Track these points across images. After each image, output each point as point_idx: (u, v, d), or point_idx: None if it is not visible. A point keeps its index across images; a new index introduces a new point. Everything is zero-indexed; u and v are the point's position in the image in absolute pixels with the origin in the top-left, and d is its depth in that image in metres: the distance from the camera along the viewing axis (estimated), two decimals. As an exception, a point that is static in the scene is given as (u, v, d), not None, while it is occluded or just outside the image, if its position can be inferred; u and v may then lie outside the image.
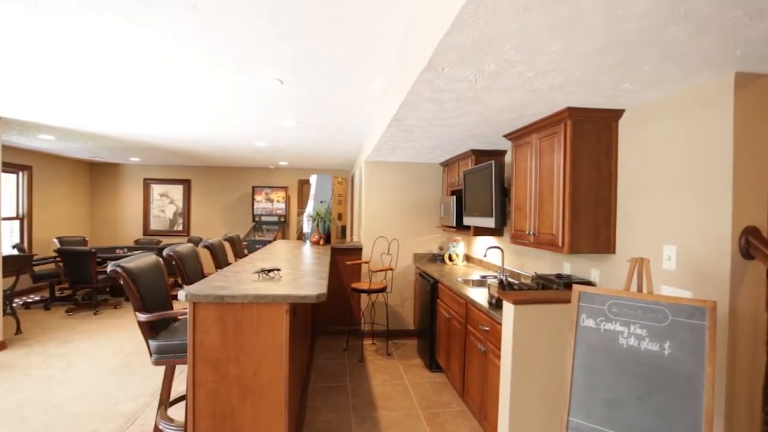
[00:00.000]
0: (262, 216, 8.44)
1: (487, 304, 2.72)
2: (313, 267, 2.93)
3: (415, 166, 5.06)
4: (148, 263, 2.53)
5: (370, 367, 4.08)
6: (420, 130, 3.11)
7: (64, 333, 4.92)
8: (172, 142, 5.82)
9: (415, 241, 5.05)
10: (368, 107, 3.62)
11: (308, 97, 3.34)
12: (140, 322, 2.28)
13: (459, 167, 4.36)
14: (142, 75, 2.97)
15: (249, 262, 3.19)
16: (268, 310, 1.98)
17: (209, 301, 1.93)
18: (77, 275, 5.80)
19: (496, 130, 3.04)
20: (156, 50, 2.47)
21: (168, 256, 3.04)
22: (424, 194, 5.10)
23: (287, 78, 2.88)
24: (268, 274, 2.44)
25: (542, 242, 2.65)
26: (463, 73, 1.83)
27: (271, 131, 4.78)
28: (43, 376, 3.66)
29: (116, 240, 8.68)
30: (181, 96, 3.46)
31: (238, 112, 3.91)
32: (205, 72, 2.81)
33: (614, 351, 1.63)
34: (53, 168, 7.57)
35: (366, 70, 2.72)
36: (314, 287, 2.15)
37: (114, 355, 4.23)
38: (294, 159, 7.43)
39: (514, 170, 3.07)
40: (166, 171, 8.78)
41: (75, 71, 2.97)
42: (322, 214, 4.72)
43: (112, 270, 2.22)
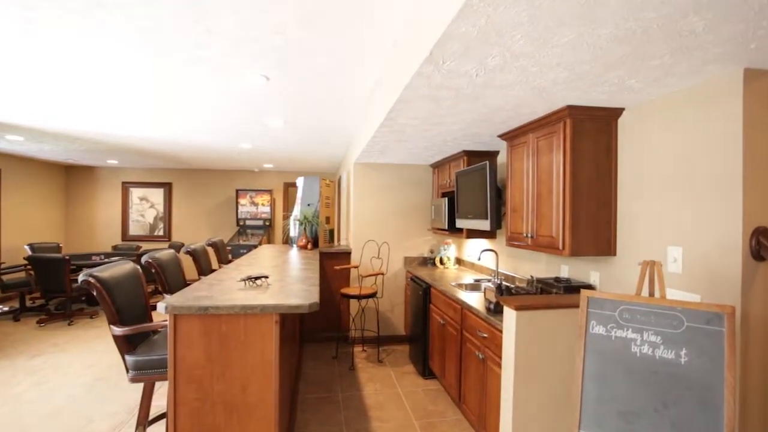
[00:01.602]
0: (246, 220, 8.21)
1: (484, 310, 2.62)
2: (303, 273, 2.78)
3: (404, 167, 4.96)
4: (124, 272, 2.35)
5: (361, 375, 3.94)
6: (413, 130, 3.00)
7: (35, 345, 4.64)
8: (151, 144, 5.59)
9: (406, 245, 4.94)
10: (359, 106, 3.50)
11: (296, 95, 3.21)
12: (116, 336, 2.10)
13: (450, 168, 4.28)
14: (116, 71, 2.79)
15: (234, 268, 3.02)
16: (256, 321, 1.84)
17: (192, 313, 1.78)
18: (49, 284, 5.50)
19: (491, 129, 2.96)
20: (131, 44, 2.30)
21: (147, 263, 2.86)
22: (414, 196, 5.00)
23: (274, 74, 2.74)
24: (255, 282, 2.29)
25: (541, 245, 2.57)
26: (464, 67, 1.73)
27: (257, 132, 4.61)
28: (10, 395, 3.41)
29: (93, 246, 8.33)
30: (160, 94, 3.28)
31: (222, 111, 3.74)
32: (185, 67, 2.65)
33: (627, 359, 1.54)
34: (25, 171, 7.21)
35: (359, 65, 2.61)
36: (305, 296, 2.01)
37: (89, 368, 3.99)
38: (279, 162, 7.25)
39: (509, 171, 2.99)
40: (146, 174, 8.48)
41: (43, 67, 2.78)
42: (309, 217, 4.57)
43: (83, 280, 2.04)
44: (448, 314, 3.28)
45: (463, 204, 3.70)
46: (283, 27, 2.06)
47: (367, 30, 2.11)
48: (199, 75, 2.79)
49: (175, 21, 2.02)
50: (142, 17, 1.99)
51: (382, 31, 2.13)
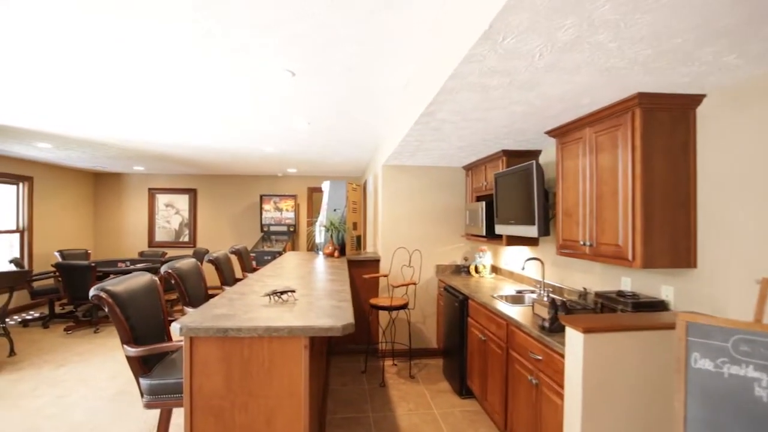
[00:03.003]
0: (270, 226, 8.08)
1: (537, 328, 2.30)
2: (332, 285, 2.54)
3: (435, 170, 4.67)
4: (139, 285, 2.16)
5: (393, 393, 3.66)
6: (451, 127, 2.73)
7: (61, 354, 4.57)
8: (176, 150, 5.50)
9: (437, 252, 4.65)
10: (390, 102, 3.24)
11: (322, 93, 2.98)
12: (129, 357, 1.90)
13: (486, 170, 3.97)
14: (138, 75, 2.66)
15: (257, 279, 2.81)
16: (283, 345, 1.60)
17: (210, 335, 1.55)
18: (77, 291, 5.47)
19: (539, 125, 2.65)
20: (152, 44, 2.12)
21: (166, 274, 2.67)
22: (446, 200, 4.71)
23: (300, 68, 2.52)
24: (281, 297, 2.05)
25: (603, 254, 2.24)
26: (527, 45, 1.44)
27: (281, 134, 4.43)
28: (31, 409, 3.30)
29: (121, 253, 8.37)
30: (183, 98, 3.13)
31: (246, 112, 3.57)
32: (209, 69, 2.46)
33: (749, 405, 1.21)
34: (55, 178, 7.30)
35: (392, 55, 2.35)
36: (338, 314, 1.76)
37: (112, 380, 3.86)
38: (303, 166, 7.09)
39: (559, 171, 2.67)
40: (172, 180, 8.49)
41: (69, 73, 2.72)
42: (336, 223, 4.34)
43: (94, 295, 1.85)
44: (491, 330, 2.97)
45: (504, 208, 3.39)
46: (309, 9, 1.83)
47: (405, 10, 1.85)
48: (225, 73, 2.60)
49: (200, 24, 1.82)
50: (170, 19, 1.80)
51: (420, 13, 1.87)
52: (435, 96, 2.03)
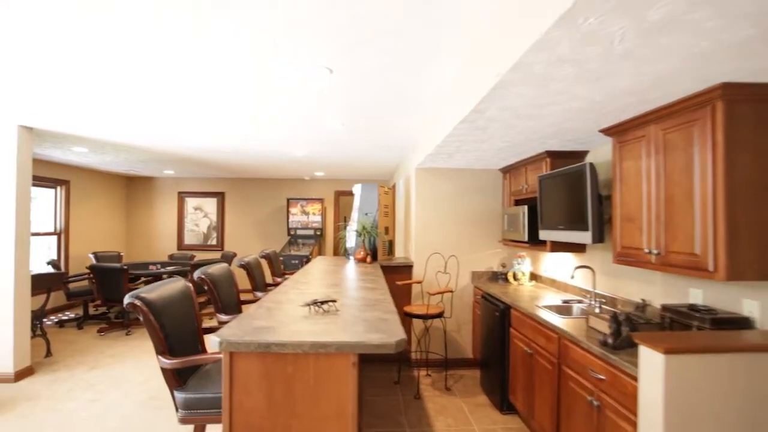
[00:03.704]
0: (297, 229, 8.04)
1: (598, 344, 2.09)
2: (373, 295, 2.39)
3: (470, 173, 4.49)
4: (173, 292, 2.07)
5: (429, 406, 3.48)
6: (499, 126, 2.55)
7: (94, 356, 4.59)
8: (206, 153, 5.50)
9: (472, 258, 4.45)
10: (430, 101, 3.09)
11: (359, 91, 2.86)
12: (164, 369, 1.80)
13: (527, 172, 3.76)
14: (170, 78, 2.62)
15: (292, 286, 2.70)
16: (330, 363, 1.46)
17: (251, 350, 1.42)
18: (109, 293, 5.53)
19: (594, 123, 2.44)
20: (184, 47, 2.05)
21: (200, 279, 2.59)
22: (481, 204, 4.51)
23: (338, 65, 2.40)
24: (322, 307, 1.92)
25: (673, 264, 2.01)
26: (609, 27, 1.27)
27: (313, 136, 4.34)
28: (65, 411, 3.28)
29: (151, 255, 8.50)
30: (214, 101, 3.08)
31: (278, 114, 3.48)
32: (243, 69, 2.37)
33: None
34: (90, 182, 7.46)
35: (435, 53, 2.21)
36: (387, 328, 1.61)
37: (143, 384, 3.83)
38: (331, 169, 7.01)
39: (617, 172, 2.45)
40: (201, 184, 8.57)
41: (105, 78, 2.72)
42: (368, 227, 4.21)
43: (129, 303, 1.76)
44: (538, 343, 2.76)
45: (549, 213, 3.18)
46: (350, 5, 1.70)
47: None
48: (258, 74, 2.51)
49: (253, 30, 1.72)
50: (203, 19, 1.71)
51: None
52: (489, 91, 1.87)
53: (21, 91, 3.02)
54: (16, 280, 3.92)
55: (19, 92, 3.05)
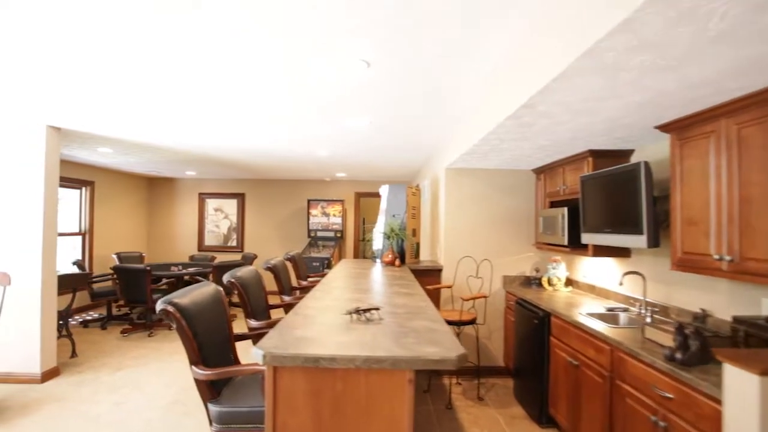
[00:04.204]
0: (317, 231, 7.95)
1: (663, 359, 1.91)
2: (411, 301, 2.25)
3: (500, 173, 4.31)
4: (205, 297, 1.97)
5: (462, 416, 3.32)
6: (548, 123, 2.38)
7: (117, 358, 4.56)
8: (229, 153, 5.44)
9: (504, 262, 4.27)
10: (468, 96, 2.93)
11: (395, 86, 2.73)
12: (198, 380, 1.69)
13: (565, 173, 3.58)
14: (198, 77, 2.53)
15: (325, 291, 2.57)
16: (384, 378, 1.32)
17: (298, 364, 1.30)
18: (132, 294, 5.52)
19: (651, 118, 2.26)
20: (212, 45, 1.95)
21: (230, 283, 2.49)
22: (513, 206, 4.33)
23: (376, 58, 2.27)
24: (365, 315, 1.79)
25: (751, 272, 1.82)
26: (711, 3, 1.10)
27: (338, 135, 4.22)
28: (90, 415, 3.23)
29: (172, 256, 8.52)
30: (237, 99, 3.00)
31: (308, 113, 3.38)
32: (274, 66, 2.26)
33: None
34: (114, 183, 7.51)
35: (480, 37, 2.06)
36: (441, 340, 1.47)
37: (166, 388, 3.76)
38: (353, 170, 6.90)
39: (677, 171, 2.26)
40: (221, 185, 8.56)
41: (131, 78, 2.69)
42: (396, 229, 4.07)
43: (162, 309, 1.66)
44: (586, 354, 2.58)
45: (594, 215, 2.99)
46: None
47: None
48: (294, 70, 2.40)
49: None
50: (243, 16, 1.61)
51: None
52: (549, 82, 1.71)
53: (49, 91, 2.99)
54: (44, 281, 3.90)
55: (47, 92, 3.02)
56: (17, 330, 3.82)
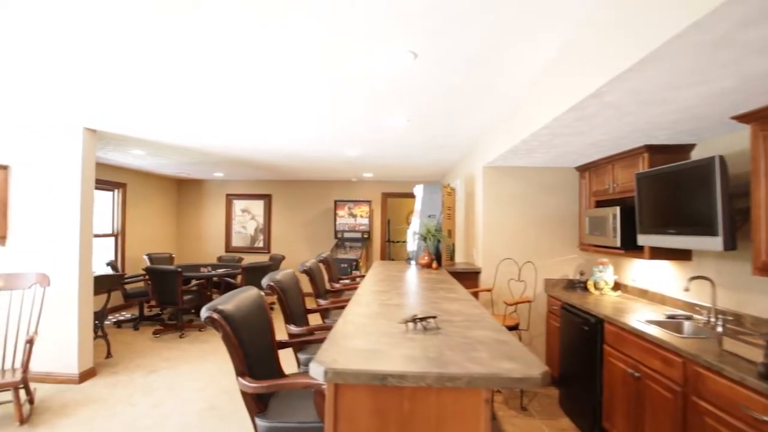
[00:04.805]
0: (344, 232, 7.86)
1: (757, 376, 1.70)
2: (465, 307, 2.10)
3: (541, 171, 4.11)
4: (248, 302, 1.87)
5: (508, 428, 3.14)
6: (612, 114, 2.19)
7: (151, 359, 4.56)
8: (258, 154, 5.40)
9: (545, 264, 4.06)
10: (518, 88, 2.76)
11: (439, 79, 2.58)
12: (245, 393, 1.59)
13: (614, 170, 3.36)
14: (230, 75, 2.46)
15: (370, 296, 2.45)
16: (456, 398, 1.18)
17: (362, 381, 1.17)
18: (164, 295, 5.54)
19: (732, 108, 2.05)
20: (248, 40, 1.85)
21: (269, 287, 2.39)
22: (554, 206, 4.12)
23: (424, 48, 2.13)
24: (422, 324, 1.65)
25: None
26: None
27: (371, 134, 4.11)
28: (127, 418, 3.20)
29: (200, 257, 8.59)
30: (276, 98, 2.90)
31: (342, 110, 3.27)
32: (312, 62, 2.15)
33: None
34: (145, 185, 7.61)
35: (545, 18, 1.89)
36: (518, 355, 1.32)
37: (200, 392, 3.71)
38: (381, 170, 6.78)
39: (761, 166, 2.03)
40: (248, 186, 8.59)
41: (163, 79, 2.68)
42: (433, 231, 3.92)
43: (207, 317, 1.56)
44: (650, 365, 2.37)
45: (653, 215, 2.77)
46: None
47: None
48: (334, 66, 2.28)
49: None
50: None
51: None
52: (634, 65, 1.53)
53: (85, 93, 3.00)
54: (80, 282, 3.92)
55: (83, 95, 3.03)
56: (55, 331, 3.85)
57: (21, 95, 3.07)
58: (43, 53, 2.28)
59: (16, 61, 2.40)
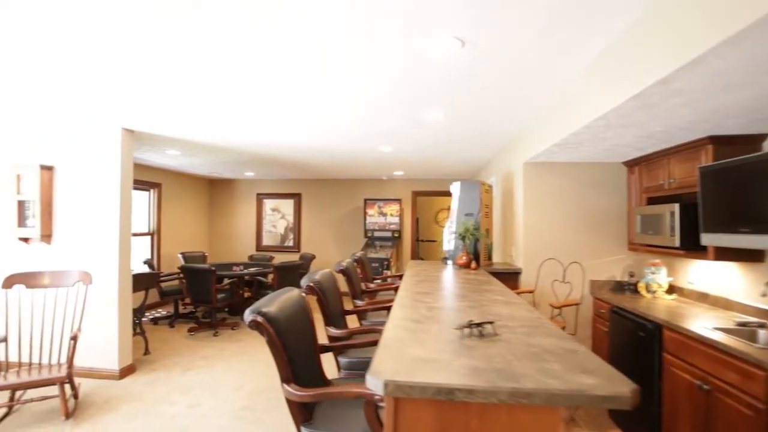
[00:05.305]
0: (374, 231, 7.78)
1: None
2: (517, 310, 1.96)
3: (586, 167, 3.88)
4: (292, 304, 1.79)
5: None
6: (677, 102, 2.00)
7: (187, 357, 4.61)
8: (287, 152, 5.36)
9: (590, 265, 3.84)
10: (570, 77, 2.58)
11: (486, 70, 2.44)
12: (290, 401, 1.50)
13: (669, 164, 3.12)
14: (267, 73, 2.41)
15: (412, 297, 2.34)
16: (530, 416, 1.06)
17: (425, 396, 1.06)
18: (198, 294, 5.60)
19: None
20: (278, 35, 1.76)
21: (309, 288, 2.31)
22: (598, 203, 3.89)
23: (473, 35, 2.00)
24: (478, 330, 1.53)
25: None
26: None
27: (406, 130, 3.99)
28: (167, 416, 3.21)
29: (232, 256, 8.70)
30: (309, 94, 2.83)
31: (377, 104, 3.17)
32: (347, 53, 2.06)
33: None
34: (178, 185, 7.76)
35: (600, 1, 1.73)
36: (594, 367, 1.17)
37: (236, 391, 3.70)
38: (412, 168, 6.66)
39: None
40: (278, 185, 8.63)
41: (198, 79, 2.68)
42: (471, 229, 3.77)
43: (251, 320, 1.49)
44: (723, 377, 2.15)
45: (720, 212, 2.53)
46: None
47: None
48: (374, 58, 2.18)
49: None
50: None
51: None
52: (717, 45, 1.35)
53: (123, 94, 3.03)
54: (120, 280, 3.98)
55: (121, 95, 3.06)
56: (97, 327, 3.93)
57: (63, 97, 3.13)
58: (85, 56, 2.30)
59: (60, 64, 2.43)
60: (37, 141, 4.04)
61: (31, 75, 2.66)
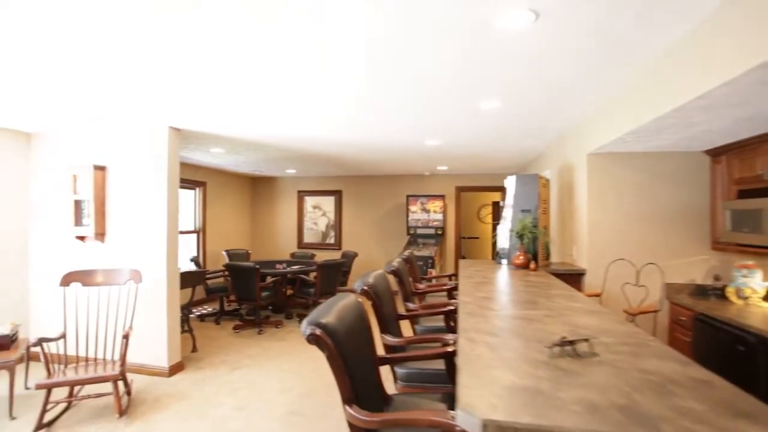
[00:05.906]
0: (417, 228, 7.56)
1: None
2: (605, 322, 1.69)
3: (660, 157, 3.48)
4: (349, 313, 1.61)
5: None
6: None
7: (233, 355, 4.59)
8: (329, 147, 5.22)
9: (666, 266, 3.44)
10: (661, 51, 2.25)
11: (560, 47, 2.16)
12: (352, 425, 1.33)
13: None
14: (312, 64, 2.21)
15: (478, 304, 2.11)
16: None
17: None
18: (243, 291, 5.60)
19: None
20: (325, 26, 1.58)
21: (364, 292, 2.14)
22: (676, 197, 3.48)
23: (547, 8, 1.74)
24: (572, 347, 1.28)
25: None
26: None
27: (457, 121, 3.74)
28: (215, 417, 3.16)
29: (274, 253, 8.76)
30: (356, 84, 2.63)
31: (432, 93, 2.95)
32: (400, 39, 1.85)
33: None
34: (222, 183, 7.87)
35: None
36: (748, 406, 0.91)
37: (282, 394, 3.60)
38: (456, 162, 6.37)
39: None
40: (318, 182, 8.59)
41: (242, 76, 2.63)
42: (529, 227, 3.47)
43: (310, 334, 1.32)
44: None
45: None
46: None
47: None
48: (430, 40, 1.97)
49: None
50: None
51: None
52: None
53: (170, 93, 3.01)
54: (168, 277, 4.00)
55: (169, 95, 3.04)
56: (147, 325, 3.96)
57: (114, 97, 3.12)
58: (135, 55, 2.26)
59: (112, 64, 2.41)
60: (90, 142, 4.13)
61: (84, 76, 2.65)
